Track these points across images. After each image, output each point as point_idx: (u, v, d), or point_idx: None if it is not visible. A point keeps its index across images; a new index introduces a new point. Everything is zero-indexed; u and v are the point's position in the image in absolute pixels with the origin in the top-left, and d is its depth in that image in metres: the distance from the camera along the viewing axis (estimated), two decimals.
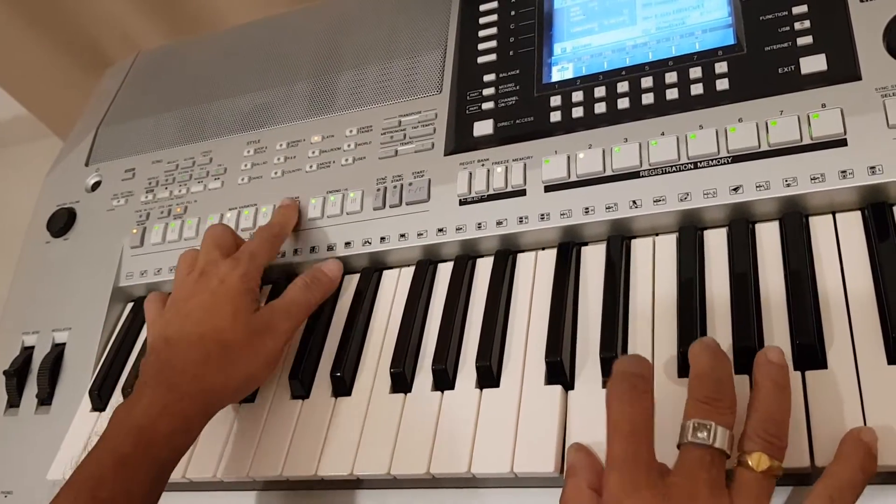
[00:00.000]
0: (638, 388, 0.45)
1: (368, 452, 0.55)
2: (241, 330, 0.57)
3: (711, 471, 0.42)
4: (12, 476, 0.68)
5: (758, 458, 0.42)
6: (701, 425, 0.43)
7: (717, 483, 0.42)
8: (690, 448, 0.43)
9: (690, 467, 0.43)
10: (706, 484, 0.42)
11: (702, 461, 0.42)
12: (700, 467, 0.42)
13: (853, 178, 0.53)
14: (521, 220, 0.62)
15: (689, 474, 0.42)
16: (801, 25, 0.59)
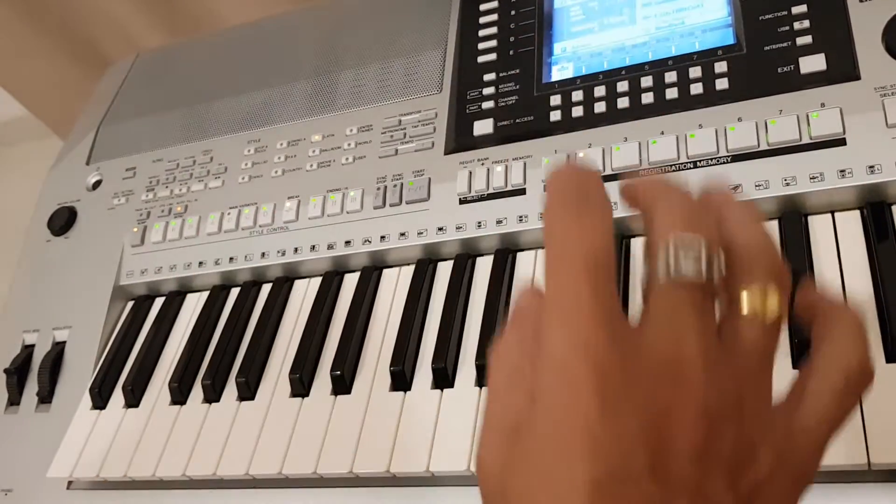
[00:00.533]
0: (592, 197, 0.29)
1: (368, 450, 0.55)
2: None
3: (704, 316, 0.27)
4: (12, 474, 0.68)
5: (762, 300, 0.28)
6: (685, 250, 0.27)
7: (713, 336, 0.27)
8: (668, 289, 0.27)
9: (673, 313, 0.27)
10: (698, 341, 0.26)
11: (691, 306, 0.27)
12: (688, 315, 0.27)
13: (852, 177, 0.53)
14: (520, 219, 0.62)
15: (672, 326, 0.27)
16: (801, 25, 0.60)
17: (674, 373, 0.26)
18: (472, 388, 0.56)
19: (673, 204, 0.29)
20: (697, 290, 0.27)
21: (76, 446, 0.65)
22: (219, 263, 0.72)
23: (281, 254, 0.69)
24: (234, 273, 0.72)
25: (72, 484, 0.66)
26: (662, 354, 0.26)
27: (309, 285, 0.69)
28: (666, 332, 0.27)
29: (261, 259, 0.70)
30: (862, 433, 0.44)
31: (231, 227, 0.73)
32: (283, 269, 0.70)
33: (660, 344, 0.26)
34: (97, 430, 0.66)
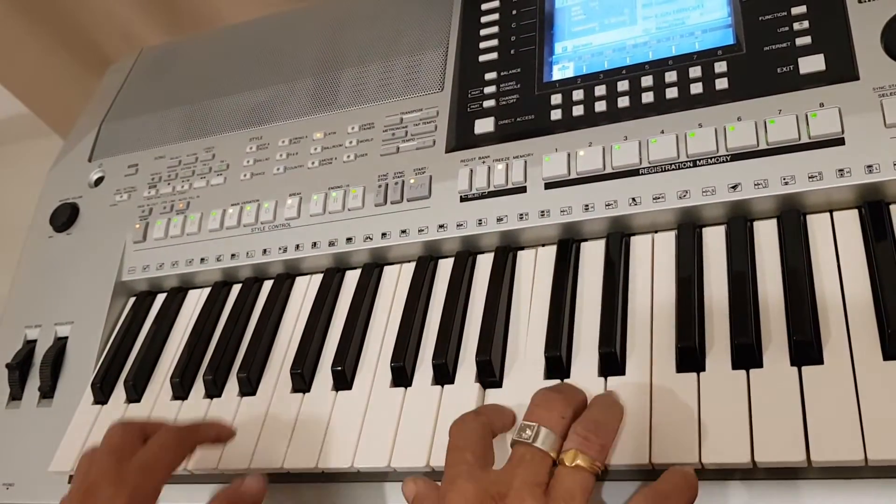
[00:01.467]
0: (476, 413, 0.50)
1: (369, 445, 0.56)
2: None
3: (531, 467, 0.45)
4: (14, 468, 0.69)
5: (572, 455, 0.45)
6: (526, 425, 0.46)
7: (535, 479, 0.44)
8: (515, 445, 0.46)
9: (512, 462, 0.45)
10: (521, 478, 0.44)
11: (522, 458, 0.45)
12: (519, 463, 0.45)
13: (850, 176, 0.54)
14: (521, 217, 0.62)
15: (509, 469, 0.45)
16: (800, 26, 0.60)
17: (500, 497, 0.43)
18: (473, 384, 0.56)
19: (544, 391, 0.50)
20: (528, 449, 0.45)
21: (78, 441, 0.66)
22: (220, 260, 0.72)
23: (282, 250, 0.70)
24: (235, 269, 0.72)
25: (73, 478, 0.66)
26: (498, 485, 0.44)
27: (310, 282, 0.69)
28: (504, 474, 0.45)
29: (262, 256, 0.70)
30: (860, 430, 0.44)
31: (233, 223, 0.73)
32: (284, 265, 0.71)
33: (498, 478, 0.45)
34: (99, 424, 0.67)
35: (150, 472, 0.52)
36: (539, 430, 0.46)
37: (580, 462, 0.44)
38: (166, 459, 0.54)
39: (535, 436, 0.46)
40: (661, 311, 0.54)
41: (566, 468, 0.45)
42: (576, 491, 0.44)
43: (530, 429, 0.46)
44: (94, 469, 0.52)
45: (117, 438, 0.54)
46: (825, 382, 0.47)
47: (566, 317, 0.57)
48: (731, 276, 0.54)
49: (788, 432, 0.45)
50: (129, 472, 0.51)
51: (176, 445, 0.55)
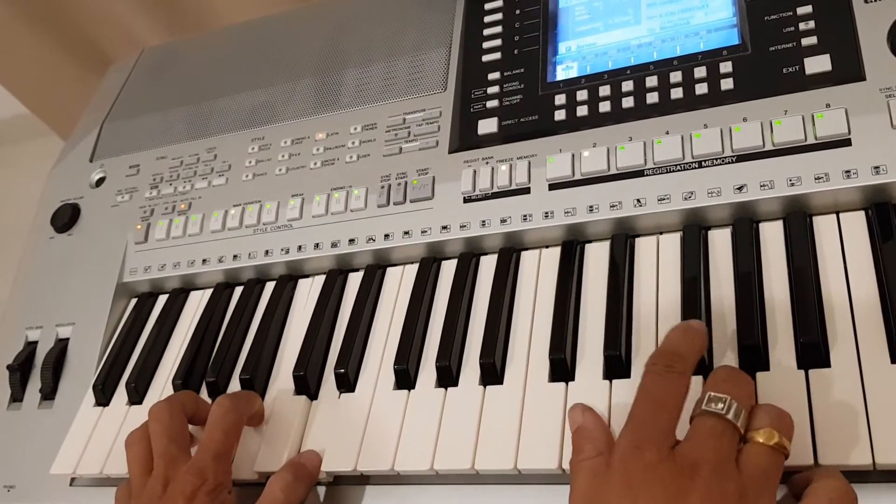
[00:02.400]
0: (674, 367, 0.45)
1: (372, 449, 0.56)
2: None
3: (722, 440, 0.41)
4: (15, 470, 0.68)
5: (767, 433, 0.42)
6: (717, 397, 0.43)
7: (727, 454, 0.41)
8: (703, 417, 0.43)
9: (700, 435, 0.42)
10: (714, 451, 0.41)
11: (713, 430, 0.42)
12: (710, 435, 0.42)
13: (857, 177, 0.53)
14: (525, 218, 0.62)
15: (697, 442, 0.42)
16: (806, 26, 0.60)
17: (693, 470, 0.40)
18: (476, 386, 0.56)
19: (727, 368, 0.46)
20: (720, 421, 0.42)
21: (79, 443, 0.65)
22: (222, 261, 0.72)
23: (285, 252, 0.69)
24: (237, 271, 0.72)
25: (75, 481, 0.66)
26: (689, 458, 0.41)
27: (313, 283, 0.69)
28: (692, 447, 0.42)
29: (265, 257, 0.70)
30: (867, 434, 0.44)
31: (235, 224, 0.73)
32: (286, 267, 0.70)
33: (687, 452, 0.41)
34: (100, 426, 0.66)
35: (224, 459, 0.55)
36: (731, 402, 0.42)
37: (777, 440, 0.42)
38: (232, 442, 0.56)
39: (728, 408, 0.42)
40: (667, 314, 0.54)
41: (762, 446, 0.42)
42: (772, 471, 0.41)
43: (722, 401, 0.42)
44: (162, 459, 0.54)
45: (167, 419, 0.56)
46: (832, 385, 0.47)
47: (570, 319, 0.56)
48: (737, 278, 0.54)
49: (796, 436, 0.45)
50: (206, 465, 0.53)
51: (236, 427, 0.57)
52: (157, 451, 0.55)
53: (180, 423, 0.57)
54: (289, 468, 0.55)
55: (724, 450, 0.41)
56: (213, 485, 0.53)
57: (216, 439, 0.55)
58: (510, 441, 0.52)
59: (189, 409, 0.59)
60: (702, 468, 0.40)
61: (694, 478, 0.40)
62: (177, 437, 0.56)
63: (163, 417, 0.57)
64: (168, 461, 0.54)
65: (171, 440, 0.55)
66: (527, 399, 0.54)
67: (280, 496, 0.53)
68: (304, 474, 0.55)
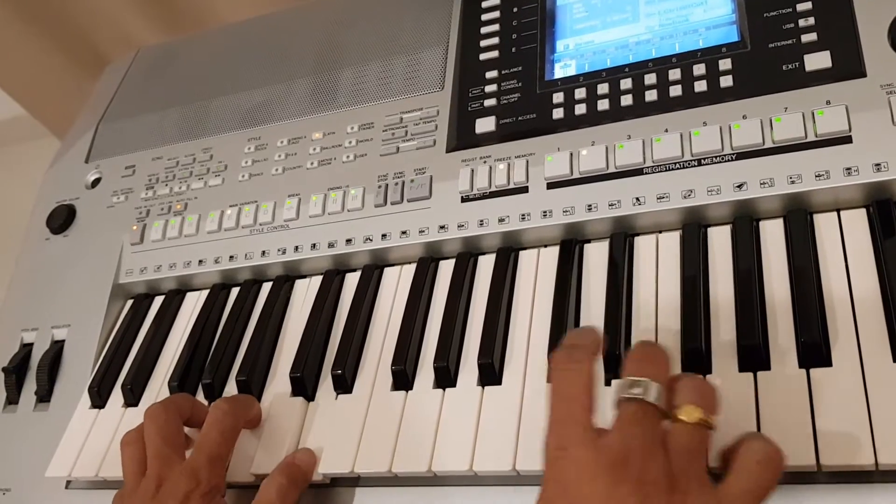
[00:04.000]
0: (574, 356, 0.45)
1: (370, 450, 0.55)
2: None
3: (645, 424, 0.41)
4: (10, 473, 0.68)
5: (691, 410, 0.42)
6: (634, 381, 0.42)
7: (652, 437, 0.41)
8: (624, 404, 0.43)
9: (624, 422, 0.42)
10: (640, 438, 0.41)
11: (635, 415, 0.42)
12: (633, 422, 0.42)
13: (858, 175, 0.53)
14: (523, 217, 0.61)
15: (622, 429, 0.42)
16: (806, 22, 0.59)
17: (622, 460, 0.40)
18: (475, 387, 0.55)
19: (639, 347, 0.46)
20: (641, 406, 0.42)
21: (75, 445, 0.65)
22: (219, 262, 0.71)
23: (281, 252, 0.69)
24: (234, 272, 0.71)
25: (70, 483, 0.65)
26: (616, 448, 0.40)
27: (310, 284, 0.68)
28: (618, 435, 0.41)
29: (261, 257, 0.70)
30: (869, 433, 0.44)
31: (231, 225, 0.72)
32: (283, 267, 0.70)
33: (614, 441, 0.41)
34: (96, 429, 0.66)
35: (219, 462, 0.55)
36: (649, 384, 0.42)
37: (699, 416, 0.41)
38: (229, 445, 0.56)
39: (647, 391, 0.42)
40: (667, 313, 0.54)
41: (685, 424, 0.42)
42: (697, 448, 0.41)
43: (639, 384, 0.42)
44: (156, 461, 0.54)
45: (163, 420, 0.56)
46: (834, 385, 0.46)
47: (570, 318, 0.56)
48: (737, 276, 0.53)
49: (797, 436, 0.45)
50: (201, 467, 0.53)
51: (233, 430, 0.57)
52: (151, 452, 0.55)
53: (176, 424, 0.57)
54: (282, 470, 0.55)
55: (649, 434, 0.41)
56: (207, 487, 0.52)
57: (212, 441, 0.55)
58: (509, 442, 0.51)
59: (185, 412, 0.58)
60: (630, 457, 0.40)
61: (624, 467, 0.40)
62: (171, 438, 0.55)
63: (158, 418, 0.56)
64: (162, 462, 0.54)
65: (166, 441, 0.55)
66: (525, 400, 0.53)
67: (275, 498, 0.52)
68: (297, 476, 0.55)
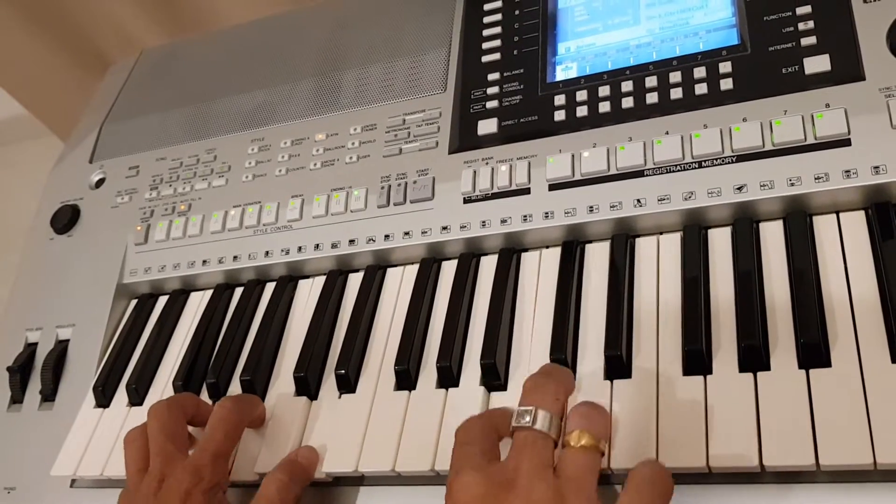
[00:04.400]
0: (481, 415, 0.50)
1: (373, 449, 0.55)
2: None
3: (535, 448, 0.44)
4: (15, 472, 0.68)
5: (577, 435, 0.44)
6: (523, 411, 0.46)
7: (541, 461, 0.43)
8: (516, 432, 0.46)
9: (516, 448, 0.45)
10: (529, 460, 0.43)
11: (524, 441, 0.45)
12: (524, 446, 0.44)
13: (857, 177, 0.53)
14: (525, 219, 0.62)
15: (513, 455, 0.44)
16: (805, 26, 0.60)
17: (509, 482, 0.42)
18: (477, 387, 0.56)
19: (533, 376, 0.49)
20: (531, 433, 0.45)
21: (80, 445, 0.65)
22: (222, 262, 0.72)
23: (285, 253, 0.69)
24: (237, 272, 0.72)
25: (75, 482, 0.66)
26: (506, 472, 0.43)
27: (313, 284, 0.69)
28: (510, 460, 0.44)
29: (265, 258, 0.70)
30: (868, 433, 0.44)
31: (235, 225, 0.73)
32: (287, 268, 0.70)
33: (505, 465, 0.44)
34: (101, 428, 0.66)
35: (222, 459, 0.55)
36: (536, 412, 0.45)
37: (585, 441, 0.44)
38: (232, 443, 0.57)
39: (534, 419, 0.45)
40: (668, 314, 0.54)
41: (573, 449, 0.44)
42: (585, 470, 0.43)
43: (528, 413, 0.45)
44: (159, 458, 0.54)
45: (166, 418, 0.56)
46: (833, 385, 0.47)
47: (571, 319, 0.56)
48: (737, 277, 0.54)
49: (797, 435, 0.45)
50: (204, 464, 0.53)
51: (238, 429, 0.57)
52: (154, 449, 0.55)
53: (179, 422, 0.57)
54: (284, 467, 0.55)
55: (538, 458, 0.44)
56: (210, 484, 0.53)
57: (216, 439, 0.55)
58: None
59: (189, 411, 0.59)
60: (518, 478, 0.43)
61: (511, 489, 0.42)
62: (175, 435, 0.56)
63: (161, 416, 0.57)
64: (164, 459, 0.54)
65: (169, 438, 0.55)
66: None
67: (275, 496, 0.53)
68: (299, 473, 0.55)
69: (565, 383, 0.49)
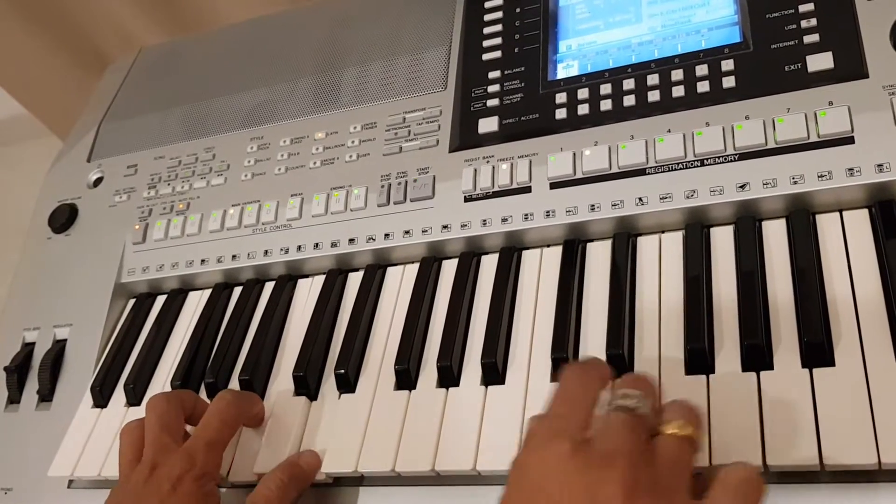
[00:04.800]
0: (588, 371, 0.46)
1: (373, 449, 0.55)
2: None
3: (635, 432, 0.42)
4: (13, 473, 0.68)
5: (680, 424, 0.42)
6: (627, 394, 0.44)
7: (640, 446, 0.41)
8: (616, 412, 0.43)
9: (614, 429, 0.42)
10: (629, 443, 0.41)
11: (626, 423, 0.42)
12: (623, 428, 0.42)
13: (860, 175, 0.53)
14: (526, 217, 0.62)
15: (612, 435, 0.42)
16: (808, 23, 0.59)
17: (608, 461, 0.40)
18: (478, 386, 0.56)
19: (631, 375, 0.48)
20: (631, 414, 0.43)
21: (77, 445, 0.65)
22: (221, 261, 0.71)
23: (284, 251, 0.69)
24: (236, 271, 0.71)
25: (72, 483, 0.65)
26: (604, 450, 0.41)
27: (312, 283, 0.69)
28: (606, 438, 0.41)
29: (264, 257, 0.70)
30: (872, 433, 0.44)
31: (234, 224, 0.72)
32: (286, 267, 0.70)
33: (601, 443, 0.41)
34: (98, 428, 0.66)
35: (216, 449, 0.55)
36: (641, 398, 0.43)
37: (686, 431, 0.42)
38: (228, 435, 0.56)
39: (641, 402, 0.43)
40: (670, 313, 0.54)
41: (673, 436, 0.42)
42: (684, 459, 0.42)
43: (633, 397, 0.43)
44: (153, 447, 0.54)
45: (164, 409, 0.57)
46: (837, 384, 0.46)
47: (573, 318, 0.56)
48: (740, 276, 0.53)
49: (800, 435, 0.45)
50: (197, 451, 0.54)
51: (235, 421, 0.57)
52: (149, 440, 0.55)
53: (176, 415, 0.57)
54: (285, 468, 0.55)
55: (638, 441, 0.41)
56: (202, 471, 0.53)
57: (212, 427, 0.56)
58: (512, 441, 0.51)
59: (188, 406, 0.59)
60: (617, 459, 0.40)
61: (610, 468, 0.40)
62: (170, 427, 0.56)
63: (159, 407, 0.57)
64: (158, 448, 0.54)
65: (164, 430, 0.55)
66: (529, 399, 0.53)
67: (273, 493, 0.53)
68: (298, 475, 0.55)
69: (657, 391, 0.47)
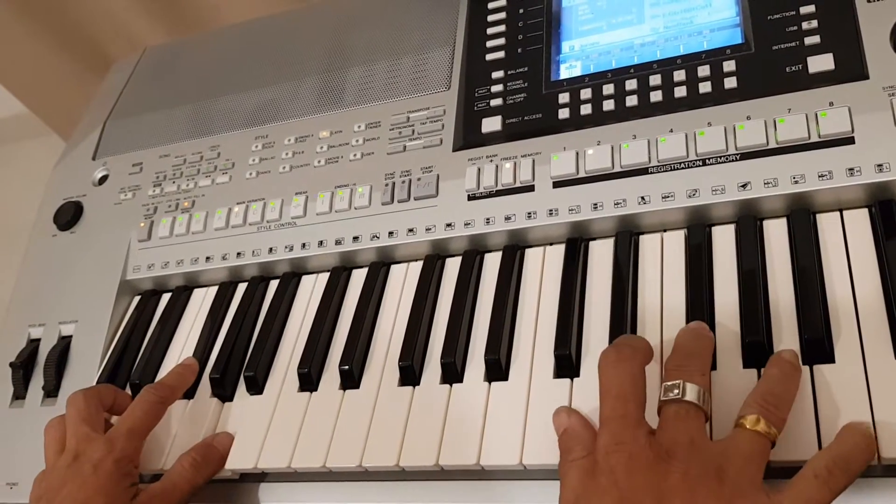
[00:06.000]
0: (623, 353, 0.47)
1: (377, 445, 0.56)
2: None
3: (688, 421, 0.44)
4: (18, 468, 0.68)
5: (755, 419, 0.43)
6: (670, 385, 0.45)
7: (696, 434, 0.43)
8: (665, 406, 0.45)
9: (668, 422, 0.45)
10: (684, 433, 0.43)
11: (677, 414, 0.44)
12: (675, 419, 0.44)
13: (861, 175, 0.54)
14: (529, 216, 0.62)
15: (666, 428, 0.44)
16: (809, 25, 0.60)
17: (668, 454, 0.42)
18: (481, 383, 0.56)
19: (675, 355, 0.48)
20: (682, 405, 0.44)
21: None
22: (226, 259, 0.72)
23: (288, 249, 0.70)
24: (241, 268, 0.72)
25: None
26: (663, 444, 0.43)
27: (317, 281, 0.69)
28: (665, 434, 0.44)
29: (268, 254, 0.70)
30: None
31: (238, 222, 0.73)
32: (290, 264, 0.70)
33: (661, 439, 0.43)
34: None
35: (136, 436, 0.59)
36: (684, 386, 0.45)
37: (762, 427, 0.43)
38: (149, 423, 0.60)
39: (683, 392, 0.45)
40: (671, 310, 0.54)
41: (746, 430, 0.43)
42: (755, 455, 0.42)
43: (676, 387, 0.45)
44: (74, 438, 0.58)
45: (82, 405, 0.60)
46: (837, 381, 0.47)
47: (575, 315, 0.56)
48: (741, 274, 0.54)
49: (800, 430, 0.45)
50: (117, 437, 0.57)
51: (156, 410, 0.61)
52: (70, 432, 0.59)
53: (95, 408, 0.60)
54: (199, 449, 0.59)
55: (693, 430, 0.43)
56: (121, 454, 0.56)
57: (133, 416, 0.59)
58: (515, 437, 0.52)
59: (107, 401, 0.62)
60: (676, 451, 0.42)
61: (671, 460, 0.42)
62: (90, 419, 0.59)
63: (78, 403, 0.60)
64: (80, 438, 0.58)
65: (84, 421, 0.59)
66: (532, 395, 0.54)
67: (188, 472, 0.57)
68: (213, 456, 0.59)
69: (704, 363, 0.48)
